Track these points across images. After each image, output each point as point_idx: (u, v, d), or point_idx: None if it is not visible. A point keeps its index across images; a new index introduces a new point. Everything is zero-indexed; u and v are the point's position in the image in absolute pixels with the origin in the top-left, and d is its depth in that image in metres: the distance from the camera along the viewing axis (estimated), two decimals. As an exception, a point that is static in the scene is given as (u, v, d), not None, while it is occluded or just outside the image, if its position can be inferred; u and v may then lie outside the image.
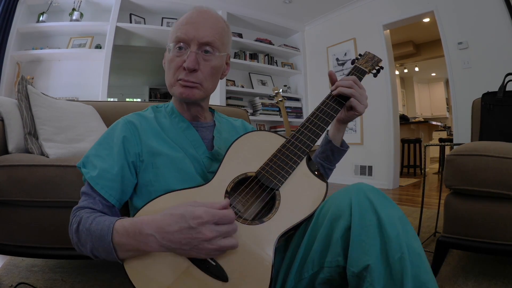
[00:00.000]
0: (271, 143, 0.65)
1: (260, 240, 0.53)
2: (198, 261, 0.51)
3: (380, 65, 0.79)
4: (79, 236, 0.57)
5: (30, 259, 1.30)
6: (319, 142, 0.76)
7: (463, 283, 1.11)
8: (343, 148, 0.80)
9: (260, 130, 0.66)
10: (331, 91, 0.72)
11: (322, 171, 0.81)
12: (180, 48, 0.66)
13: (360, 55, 0.81)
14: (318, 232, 0.56)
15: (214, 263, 0.51)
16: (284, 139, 0.65)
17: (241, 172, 0.61)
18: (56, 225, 1.02)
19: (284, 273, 0.61)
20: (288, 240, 0.63)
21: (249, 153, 0.64)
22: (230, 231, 0.50)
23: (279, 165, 0.61)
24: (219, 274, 0.50)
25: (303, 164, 0.62)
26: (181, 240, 0.48)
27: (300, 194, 0.59)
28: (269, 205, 0.59)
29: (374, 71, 0.79)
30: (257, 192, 0.60)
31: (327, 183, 0.60)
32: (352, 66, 0.78)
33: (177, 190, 0.59)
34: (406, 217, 0.52)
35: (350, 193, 0.54)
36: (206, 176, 0.68)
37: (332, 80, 0.76)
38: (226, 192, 0.59)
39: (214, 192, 0.59)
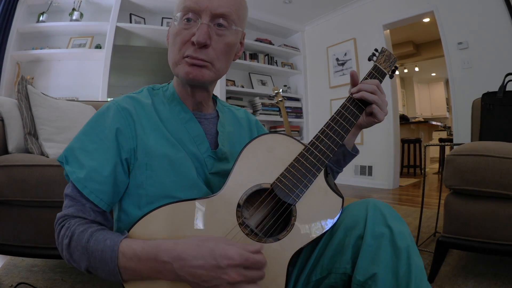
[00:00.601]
0: (288, 149, 0.58)
1: (273, 259, 0.51)
2: None
3: (396, 65, 0.74)
4: (72, 252, 0.50)
5: (30, 259, 1.30)
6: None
7: (463, 283, 1.11)
8: (354, 152, 0.76)
9: (276, 133, 0.61)
10: (352, 93, 0.65)
11: (330, 174, 0.78)
12: (188, 20, 0.56)
13: (376, 50, 0.74)
14: (332, 239, 0.57)
15: None
16: (302, 146, 0.59)
17: (255, 182, 0.56)
18: (56, 225, 1.02)
19: (295, 279, 0.60)
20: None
21: (264, 160, 0.57)
22: (256, 278, 0.46)
23: (297, 178, 0.55)
24: None
25: (320, 176, 0.57)
26: (202, 276, 0.43)
27: (316, 210, 0.56)
28: (284, 220, 0.56)
29: (390, 72, 0.74)
30: (273, 208, 0.56)
31: (343, 198, 0.57)
32: (373, 65, 0.71)
33: (183, 200, 0.53)
34: (411, 235, 0.54)
35: (367, 206, 0.55)
36: (207, 178, 0.62)
37: (354, 81, 0.68)
38: (238, 205, 0.54)
39: (224, 204, 0.54)
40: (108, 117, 0.57)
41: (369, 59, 0.73)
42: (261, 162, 0.57)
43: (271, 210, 0.57)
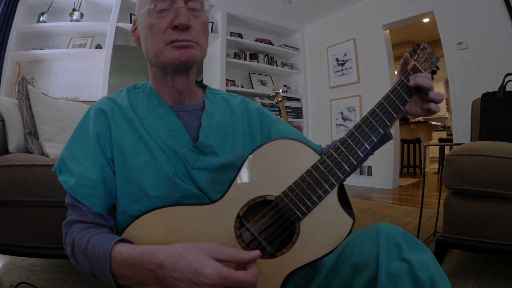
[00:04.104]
0: (301, 159, 0.52)
1: (267, 276, 0.49)
2: None
3: (437, 66, 0.66)
4: (76, 259, 0.52)
5: (30, 259, 1.30)
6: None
7: (463, 283, 1.11)
8: (391, 137, 0.68)
9: (290, 139, 0.54)
10: (398, 83, 0.58)
11: (364, 157, 0.69)
12: (161, 10, 0.55)
13: (417, 45, 0.64)
14: (337, 274, 0.51)
15: None
16: (318, 157, 0.52)
17: (259, 193, 0.51)
18: (56, 225, 1.02)
19: None
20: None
21: (272, 169, 0.52)
22: None
23: (306, 193, 0.50)
24: None
25: (333, 192, 0.51)
26: None
27: (322, 229, 0.50)
28: (286, 235, 0.52)
29: (430, 73, 0.65)
30: (276, 222, 0.52)
31: (354, 219, 0.50)
32: (411, 65, 0.62)
33: (181, 204, 0.52)
34: (437, 261, 0.47)
35: (377, 240, 0.47)
36: (190, 174, 0.58)
37: (405, 64, 0.62)
38: (238, 216, 0.50)
39: (223, 214, 0.51)
40: (89, 122, 0.59)
41: (410, 56, 0.64)
42: (268, 171, 0.52)
43: (273, 224, 0.53)
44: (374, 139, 0.54)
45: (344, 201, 0.52)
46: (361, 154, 0.53)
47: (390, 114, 0.56)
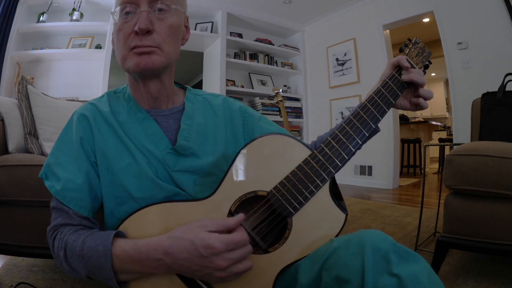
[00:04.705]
0: (293, 154, 0.52)
1: (261, 271, 0.49)
2: None
3: (429, 60, 0.66)
4: (70, 263, 0.52)
5: (30, 259, 1.30)
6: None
7: (463, 283, 1.11)
8: (379, 130, 0.66)
9: (281, 134, 0.54)
10: (390, 77, 0.59)
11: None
12: (127, 13, 0.54)
13: (409, 40, 0.65)
14: (320, 286, 0.48)
15: None
16: (309, 152, 0.52)
17: (250, 189, 0.51)
18: (56, 225, 1.02)
19: None
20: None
21: (263, 165, 0.52)
22: (244, 255, 0.46)
23: (298, 188, 0.50)
24: None
25: (325, 187, 0.51)
26: (192, 266, 0.45)
27: (314, 224, 0.50)
28: (278, 230, 0.53)
29: (423, 68, 0.65)
30: (268, 217, 0.52)
31: (346, 213, 0.51)
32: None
33: (171, 201, 0.53)
34: (433, 271, 0.43)
35: (363, 253, 0.42)
36: (172, 177, 0.59)
37: (400, 66, 0.61)
38: (230, 212, 0.51)
39: (215, 210, 0.51)
40: (73, 128, 0.60)
41: (400, 50, 0.65)
42: (260, 166, 0.52)
43: (265, 219, 0.53)
44: (366, 133, 0.54)
45: (336, 194, 0.52)
46: (352, 149, 0.53)
47: (381, 109, 0.57)
